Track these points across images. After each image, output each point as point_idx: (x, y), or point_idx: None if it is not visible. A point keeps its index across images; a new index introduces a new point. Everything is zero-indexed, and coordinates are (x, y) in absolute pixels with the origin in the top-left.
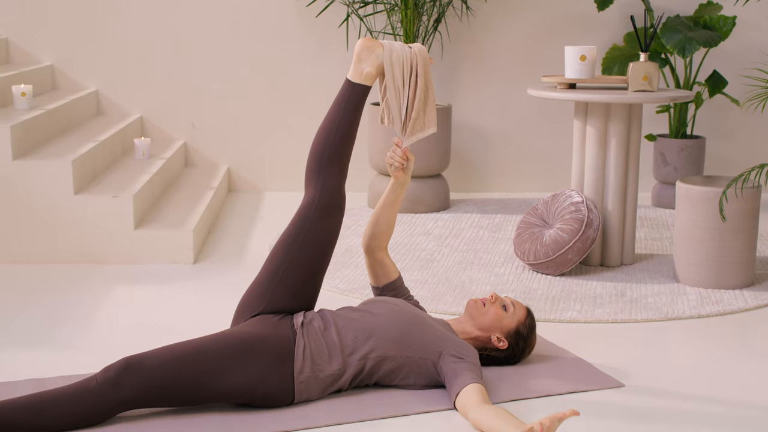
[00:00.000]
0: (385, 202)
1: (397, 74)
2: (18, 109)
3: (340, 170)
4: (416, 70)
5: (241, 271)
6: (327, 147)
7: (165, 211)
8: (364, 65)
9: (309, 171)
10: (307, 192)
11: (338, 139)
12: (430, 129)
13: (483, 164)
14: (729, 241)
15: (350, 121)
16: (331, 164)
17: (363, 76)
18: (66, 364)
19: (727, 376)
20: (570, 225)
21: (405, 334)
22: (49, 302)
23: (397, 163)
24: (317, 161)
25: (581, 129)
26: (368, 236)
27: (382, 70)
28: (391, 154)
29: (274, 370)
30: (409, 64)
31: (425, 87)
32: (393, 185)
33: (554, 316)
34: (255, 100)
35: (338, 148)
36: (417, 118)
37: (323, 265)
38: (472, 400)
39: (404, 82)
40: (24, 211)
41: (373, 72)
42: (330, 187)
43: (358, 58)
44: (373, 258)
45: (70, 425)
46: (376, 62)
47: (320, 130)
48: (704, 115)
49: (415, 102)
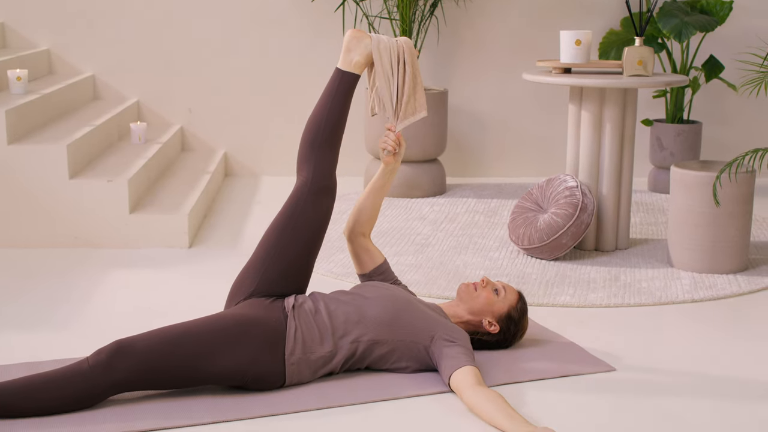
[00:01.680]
0: (373, 187)
1: (386, 62)
2: (13, 94)
3: (332, 155)
4: (403, 58)
5: (237, 256)
6: (319, 132)
7: (160, 196)
8: (353, 54)
9: (301, 156)
10: (299, 176)
11: (330, 125)
12: (421, 113)
13: (479, 149)
14: (723, 226)
15: (341, 107)
16: (322, 149)
17: (352, 64)
18: (61, 347)
19: (719, 361)
20: (564, 210)
21: (396, 317)
22: (44, 286)
23: (390, 147)
24: (309, 146)
25: (576, 114)
26: (352, 222)
27: (370, 59)
28: (384, 139)
29: (265, 352)
30: (396, 53)
31: (413, 74)
32: (383, 171)
33: (547, 300)
34: (252, 85)
35: (330, 133)
36: (408, 102)
37: (315, 248)
38: (467, 381)
39: (393, 69)
40: (19, 196)
41: (361, 61)
42: (322, 170)
43: (347, 48)
44: (356, 244)
45: (62, 408)
46: (364, 51)
47: (311, 117)
48: (701, 100)
49: (405, 87)
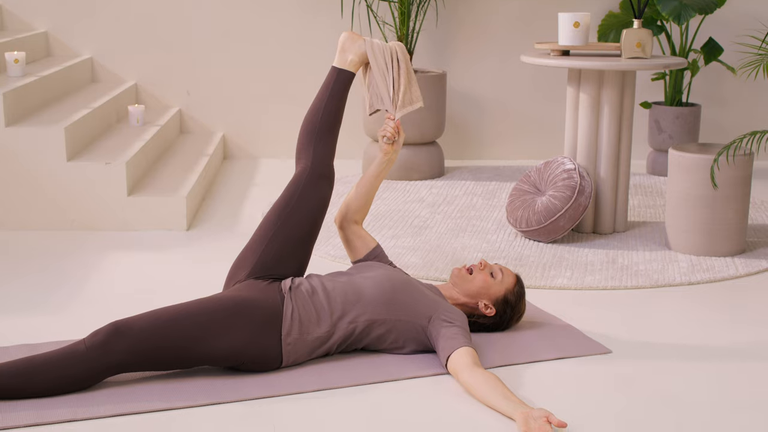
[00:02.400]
0: (369, 174)
1: (380, 59)
2: (11, 76)
3: (330, 144)
4: (396, 57)
5: (234, 238)
6: (316, 123)
7: (158, 178)
8: (348, 54)
9: (300, 145)
10: (298, 165)
11: (327, 116)
12: (418, 103)
13: (478, 131)
14: (721, 209)
15: (338, 101)
16: (320, 138)
17: (347, 63)
18: (59, 329)
19: (716, 343)
20: (562, 192)
21: (394, 297)
22: (42, 269)
23: (389, 134)
24: (308, 135)
25: (574, 96)
26: (345, 209)
27: (364, 59)
28: (384, 127)
29: (262, 333)
30: (389, 52)
31: (407, 70)
32: (380, 160)
33: (545, 282)
34: (250, 67)
35: (327, 123)
36: (405, 92)
37: (313, 233)
38: (464, 362)
39: (387, 65)
40: (17, 178)
41: (356, 59)
42: (321, 158)
43: (342, 49)
44: (349, 231)
45: (59, 389)
46: (358, 51)
47: (310, 110)
48: (700, 83)
49: (401, 78)
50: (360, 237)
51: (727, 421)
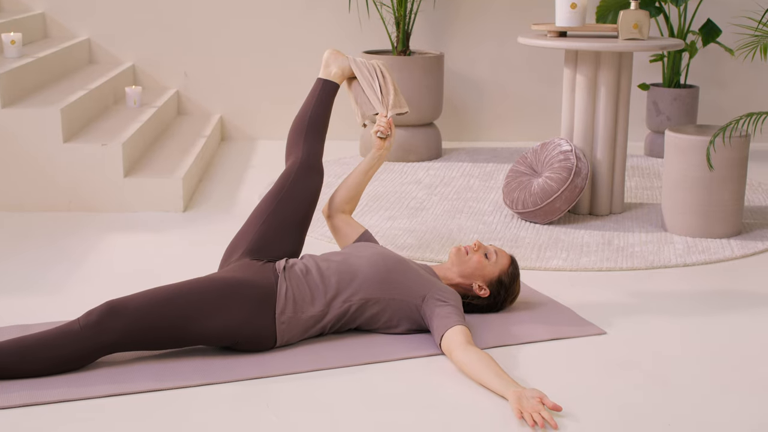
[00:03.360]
0: (359, 169)
1: (363, 70)
2: (7, 57)
3: (320, 142)
4: (379, 69)
5: (231, 220)
6: (305, 125)
7: (155, 160)
8: (332, 68)
9: (290, 144)
10: (288, 160)
11: (315, 119)
12: (406, 108)
13: (476, 113)
14: (717, 191)
15: (325, 107)
16: (310, 137)
17: (331, 75)
18: (55, 310)
19: (710, 324)
20: (558, 174)
21: (388, 276)
22: (38, 250)
23: (383, 128)
24: (297, 135)
25: (571, 77)
26: (333, 200)
27: (347, 73)
28: (378, 122)
29: (256, 312)
30: (371, 65)
31: (392, 80)
32: (372, 155)
33: (540, 264)
34: (248, 49)
35: (315, 125)
36: (393, 96)
37: (306, 219)
38: (457, 340)
39: (371, 74)
40: (13, 159)
41: (339, 72)
42: (311, 153)
43: (326, 63)
44: (336, 219)
45: (53, 369)
46: (341, 65)
47: (297, 116)
48: (698, 64)
49: (387, 84)
50: (348, 224)
51: (720, 403)
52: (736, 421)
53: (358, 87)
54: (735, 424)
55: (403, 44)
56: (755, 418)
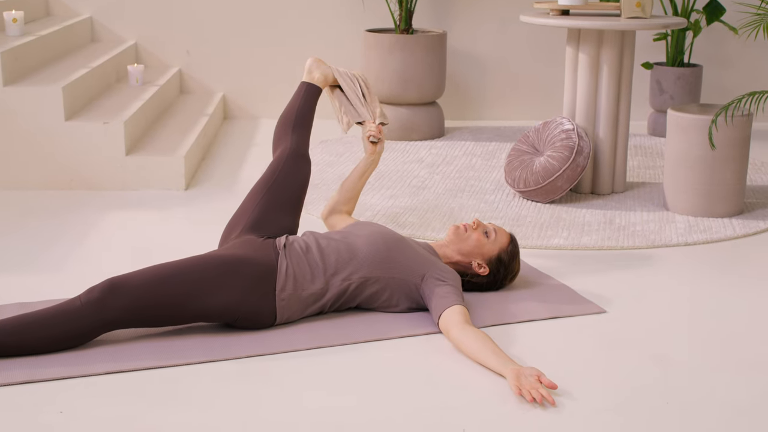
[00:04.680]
0: (354, 175)
1: (346, 78)
2: (9, 35)
3: (306, 136)
4: (361, 78)
5: (233, 198)
6: (291, 119)
7: (157, 138)
8: (314, 74)
9: (277, 136)
10: (277, 150)
11: (301, 114)
12: (387, 120)
13: (479, 92)
14: (719, 170)
15: (310, 106)
16: (297, 129)
17: (315, 80)
18: (55, 288)
19: (711, 303)
20: (560, 152)
21: (388, 255)
22: (39, 228)
23: (374, 132)
24: (284, 128)
25: (573, 56)
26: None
27: (329, 79)
28: (369, 129)
29: (256, 289)
30: (353, 75)
31: (372, 92)
32: (365, 160)
33: (541, 242)
34: (251, 27)
35: (301, 119)
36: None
37: (298, 203)
38: (455, 319)
39: (352, 81)
40: (15, 137)
41: (321, 78)
42: (299, 144)
43: (309, 70)
44: (336, 218)
45: (53, 346)
46: (324, 72)
47: (283, 113)
48: (702, 43)
49: (369, 91)
50: (345, 220)
51: (719, 381)
52: (736, 399)
53: (341, 95)
54: (734, 402)
55: (406, 22)
56: (755, 397)
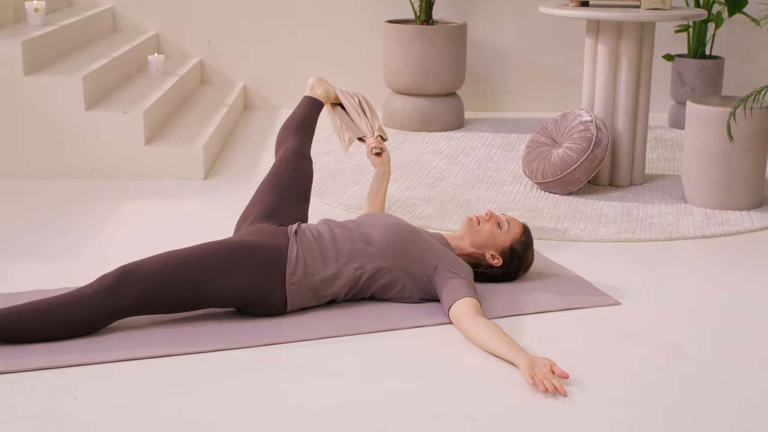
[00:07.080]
0: (371, 191)
1: (346, 95)
2: (31, 25)
3: (309, 140)
4: (362, 97)
5: (251, 187)
6: (295, 122)
7: (177, 128)
8: (317, 89)
9: (280, 139)
10: (279, 151)
11: (304, 121)
12: (386, 136)
13: (499, 83)
14: (737, 162)
15: (312, 116)
16: (299, 133)
17: (317, 95)
18: (73, 275)
19: (727, 296)
20: (578, 144)
21: (402, 246)
22: (59, 216)
23: (375, 144)
24: (287, 132)
25: (593, 48)
26: None
27: (330, 96)
28: (369, 143)
29: (267, 273)
30: (354, 94)
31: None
32: (377, 174)
33: (557, 234)
34: (272, 18)
35: (304, 125)
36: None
37: (306, 197)
38: (466, 311)
39: (353, 98)
40: (35, 127)
41: (324, 94)
42: (301, 145)
43: (311, 87)
44: None
45: (66, 333)
46: (326, 89)
47: (286, 121)
48: (724, 35)
49: (371, 110)
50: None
51: (734, 375)
52: (748, 393)
53: (342, 112)
54: (748, 396)
55: (426, 13)
56: None
